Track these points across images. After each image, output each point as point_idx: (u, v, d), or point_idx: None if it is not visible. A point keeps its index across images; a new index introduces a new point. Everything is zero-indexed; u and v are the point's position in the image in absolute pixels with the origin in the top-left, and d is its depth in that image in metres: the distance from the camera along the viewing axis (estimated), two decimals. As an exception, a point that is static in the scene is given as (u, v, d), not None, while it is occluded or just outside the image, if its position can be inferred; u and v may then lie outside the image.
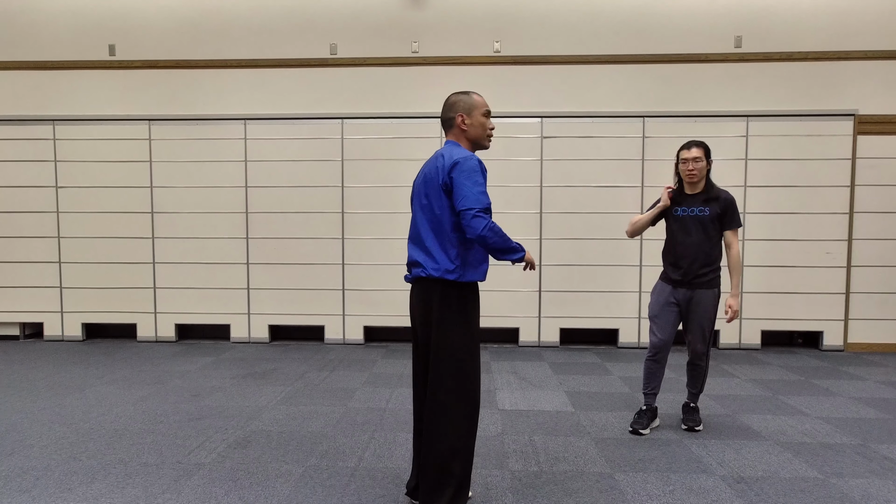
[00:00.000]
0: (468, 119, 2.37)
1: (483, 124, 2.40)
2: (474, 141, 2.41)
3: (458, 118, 2.37)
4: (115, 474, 2.75)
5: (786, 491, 2.62)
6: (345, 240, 5.71)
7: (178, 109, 5.73)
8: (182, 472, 2.78)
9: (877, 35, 5.39)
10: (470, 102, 2.38)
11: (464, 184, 2.20)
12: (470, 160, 2.23)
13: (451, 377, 2.25)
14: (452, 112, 2.39)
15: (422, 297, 2.34)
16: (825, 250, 5.48)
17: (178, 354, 5.30)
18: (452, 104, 2.39)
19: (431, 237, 2.31)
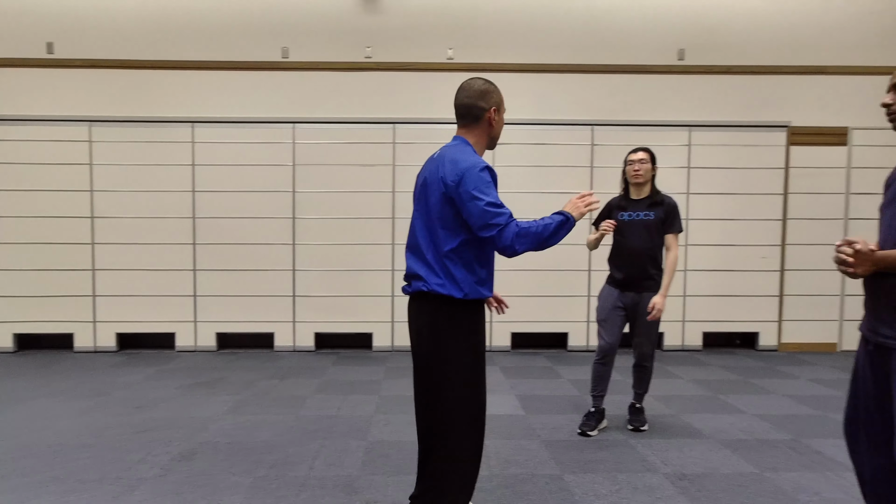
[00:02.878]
0: (498, 116, 2.11)
1: (502, 123, 2.17)
2: (494, 139, 2.17)
3: (492, 111, 2.09)
4: (52, 492, 2.63)
5: (725, 486, 2.74)
6: (296, 245, 5.63)
7: (121, 111, 5.53)
8: (123, 488, 2.68)
9: (808, 52, 5.70)
10: (501, 96, 2.11)
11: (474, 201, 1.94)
12: (478, 169, 1.97)
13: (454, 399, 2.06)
14: (484, 102, 2.07)
15: (423, 313, 2.11)
16: (761, 255, 5.75)
17: (120, 365, 5.11)
18: (484, 93, 2.07)
19: (432, 250, 2.07)
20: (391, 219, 5.64)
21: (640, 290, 3.35)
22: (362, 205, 5.62)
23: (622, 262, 3.39)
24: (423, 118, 5.59)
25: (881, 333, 1.67)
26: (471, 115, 2.11)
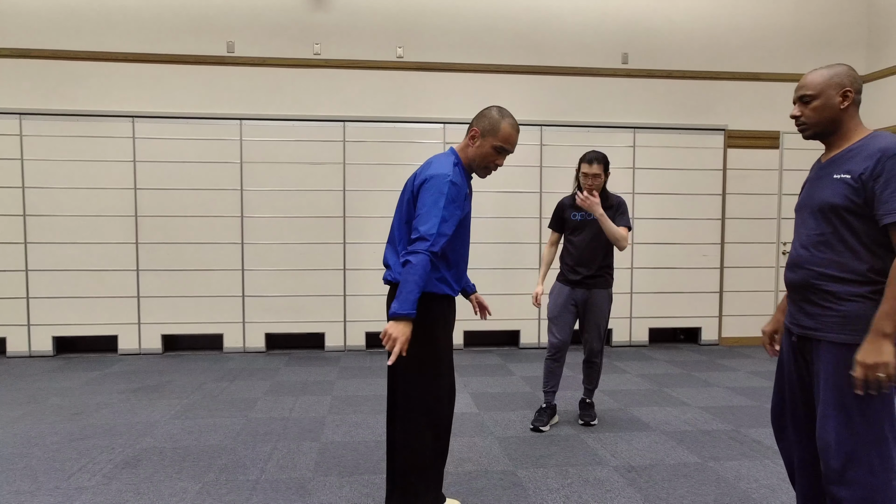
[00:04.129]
0: (480, 141, 2.19)
1: (486, 155, 2.19)
2: (470, 162, 2.24)
3: (475, 132, 2.19)
4: (-17, 505, 2.49)
5: (671, 476, 2.84)
6: (244, 244, 5.50)
7: (55, 104, 5.27)
8: (62, 498, 2.56)
9: (743, 59, 5.97)
10: (494, 126, 2.17)
11: (425, 203, 2.06)
12: (441, 182, 2.07)
13: (410, 393, 2.15)
14: (476, 122, 2.21)
15: (389, 300, 2.18)
16: (702, 253, 5.99)
17: (57, 370, 4.87)
18: (481, 116, 2.20)
19: (403, 243, 2.18)
20: (342, 217, 5.58)
21: (590, 286, 3.44)
22: (312, 203, 5.55)
23: (573, 261, 3.46)
24: (373, 116, 5.56)
25: (803, 325, 1.77)
26: (468, 129, 2.24)
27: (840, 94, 1.72)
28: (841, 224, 1.69)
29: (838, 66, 1.75)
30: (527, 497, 2.62)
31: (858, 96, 1.74)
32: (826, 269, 1.70)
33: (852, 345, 1.63)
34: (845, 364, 1.64)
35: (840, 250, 1.69)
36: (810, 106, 1.76)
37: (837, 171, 1.71)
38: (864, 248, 1.66)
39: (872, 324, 1.58)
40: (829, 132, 1.77)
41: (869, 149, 1.66)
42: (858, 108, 1.75)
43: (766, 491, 2.68)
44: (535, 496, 2.62)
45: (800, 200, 1.88)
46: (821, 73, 1.75)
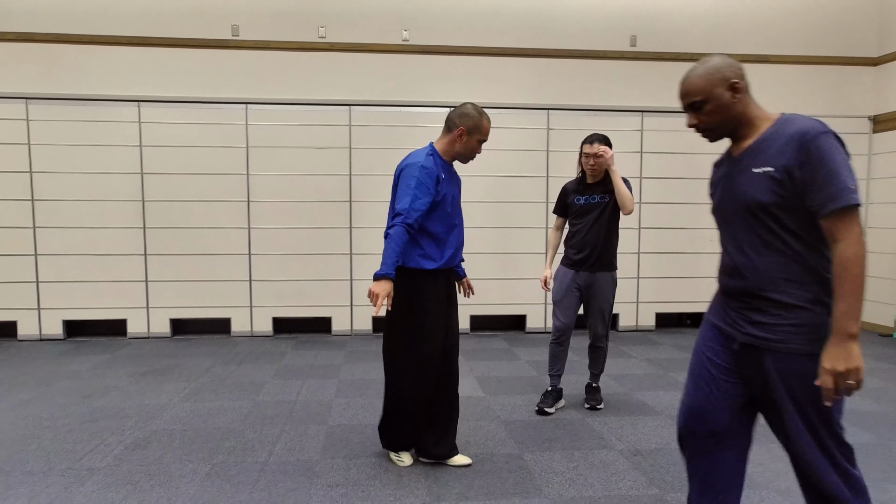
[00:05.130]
0: (466, 138, 2.62)
1: (472, 148, 2.66)
2: (455, 155, 2.68)
3: (461, 130, 2.61)
4: (-4, 485, 2.53)
5: (675, 460, 2.85)
6: (251, 229, 5.51)
7: (60, 88, 5.27)
8: (73, 479, 2.60)
9: (753, 41, 5.88)
10: (477, 125, 2.61)
11: (401, 187, 2.53)
12: (413, 168, 2.52)
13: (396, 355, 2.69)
14: (459, 120, 2.61)
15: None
16: (709, 238, 5.96)
17: (67, 353, 4.93)
18: (464, 114, 2.61)
19: None
20: (348, 202, 5.58)
21: (594, 269, 3.42)
22: (319, 188, 5.54)
23: (577, 244, 3.45)
24: (379, 100, 5.54)
25: (750, 333, 1.62)
26: (447, 124, 2.66)
27: (728, 89, 1.63)
28: (775, 223, 1.56)
29: (712, 58, 1.65)
30: (532, 480, 2.64)
31: (745, 81, 1.64)
32: (770, 274, 1.57)
33: (813, 354, 1.51)
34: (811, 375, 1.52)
35: (781, 252, 1.56)
36: (703, 111, 1.67)
37: (755, 164, 1.58)
38: (804, 247, 1.54)
39: (833, 326, 1.45)
40: (734, 129, 1.68)
41: (785, 135, 1.54)
42: (749, 92, 1.66)
43: (770, 474, 2.69)
44: (541, 479, 2.64)
45: (717, 201, 1.76)
46: (698, 74, 1.65)
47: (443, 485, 2.58)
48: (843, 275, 1.44)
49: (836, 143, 1.49)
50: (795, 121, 1.55)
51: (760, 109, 1.66)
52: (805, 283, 1.54)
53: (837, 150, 1.48)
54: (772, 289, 1.57)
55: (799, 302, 1.54)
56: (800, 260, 1.54)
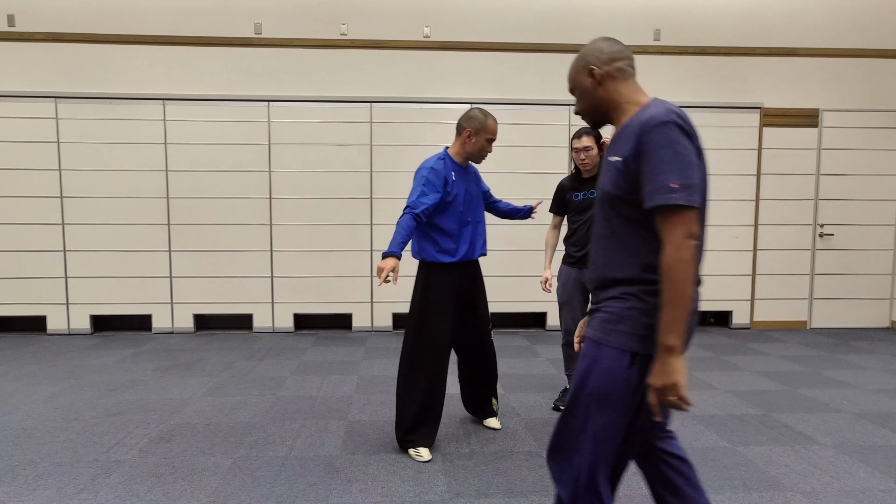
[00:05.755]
0: (474, 139, 2.84)
1: (482, 147, 2.87)
2: (467, 155, 2.91)
3: (468, 132, 2.83)
4: (25, 476, 2.60)
5: (698, 460, 2.81)
6: (273, 226, 5.57)
7: (88, 87, 5.37)
8: (100, 471, 2.65)
9: (780, 34, 5.76)
10: (482, 125, 2.82)
11: (413, 186, 2.82)
12: (423, 169, 2.80)
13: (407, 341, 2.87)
14: (466, 123, 2.83)
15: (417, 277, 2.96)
16: (734, 235, 5.86)
17: (94, 347, 5.03)
18: (470, 117, 2.83)
19: None
20: (369, 199, 5.60)
21: None
22: (340, 185, 5.57)
23: (579, 240, 3.37)
24: (399, 97, 5.54)
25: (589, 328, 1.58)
26: (457, 129, 2.89)
27: (587, 75, 1.56)
28: (616, 215, 1.48)
29: (589, 44, 1.58)
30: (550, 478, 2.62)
31: (612, 66, 1.53)
32: (607, 268, 1.51)
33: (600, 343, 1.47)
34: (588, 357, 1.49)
35: (616, 246, 1.48)
36: (576, 97, 1.63)
37: (609, 153, 1.51)
38: (640, 242, 1.45)
39: (657, 339, 1.37)
40: (602, 115, 1.59)
41: (634, 124, 1.43)
42: (625, 78, 1.54)
43: (796, 476, 2.64)
44: (560, 477, 2.62)
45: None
46: (573, 61, 1.60)
47: (461, 481, 2.57)
48: (664, 281, 1.35)
49: (675, 136, 1.36)
50: (649, 108, 1.43)
51: (633, 95, 1.54)
52: (630, 280, 1.46)
53: (673, 143, 1.36)
54: (607, 282, 1.52)
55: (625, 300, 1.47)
56: (630, 256, 1.46)
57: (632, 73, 1.56)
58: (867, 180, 5.91)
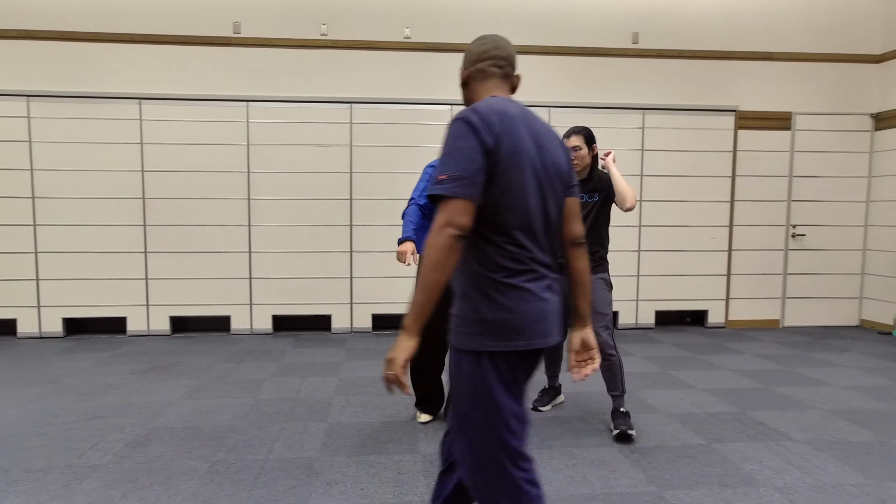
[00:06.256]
0: None
1: None
2: None
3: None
4: (-3, 482, 2.54)
5: (675, 457, 2.86)
6: (251, 227, 5.52)
7: (62, 86, 5.27)
8: (73, 476, 2.61)
9: (755, 38, 5.87)
10: None
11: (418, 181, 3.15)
12: (428, 167, 3.14)
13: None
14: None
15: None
16: (710, 235, 5.95)
17: (68, 351, 4.94)
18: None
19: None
20: (349, 200, 5.58)
21: None
22: (319, 186, 5.55)
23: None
24: (380, 98, 5.53)
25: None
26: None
27: (462, 75, 1.65)
28: None
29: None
30: (531, 478, 2.64)
31: (474, 68, 1.60)
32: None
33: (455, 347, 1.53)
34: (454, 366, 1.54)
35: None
36: None
37: None
38: (473, 236, 1.50)
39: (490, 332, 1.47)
40: None
41: None
42: (484, 79, 1.60)
43: (769, 472, 2.69)
44: (541, 476, 2.65)
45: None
46: None
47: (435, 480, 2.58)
48: (420, 268, 1.42)
49: (459, 131, 1.43)
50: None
51: (484, 95, 1.60)
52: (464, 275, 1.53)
53: (455, 138, 1.43)
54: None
55: (457, 292, 1.55)
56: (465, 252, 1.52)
57: (494, 74, 1.60)
58: (838, 182, 6.05)
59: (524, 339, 1.48)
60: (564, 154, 1.63)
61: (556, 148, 1.59)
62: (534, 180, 1.50)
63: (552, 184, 1.55)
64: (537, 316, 1.49)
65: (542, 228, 1.54)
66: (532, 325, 1.48)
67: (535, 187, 1.50)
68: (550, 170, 1.54)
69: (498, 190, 1.45)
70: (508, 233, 1.47)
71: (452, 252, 1.39)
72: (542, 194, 1.52)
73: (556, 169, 1.57)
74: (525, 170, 1.47)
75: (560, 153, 1.60)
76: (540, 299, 1.50)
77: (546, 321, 1.51)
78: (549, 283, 1.54)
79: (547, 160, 1.54)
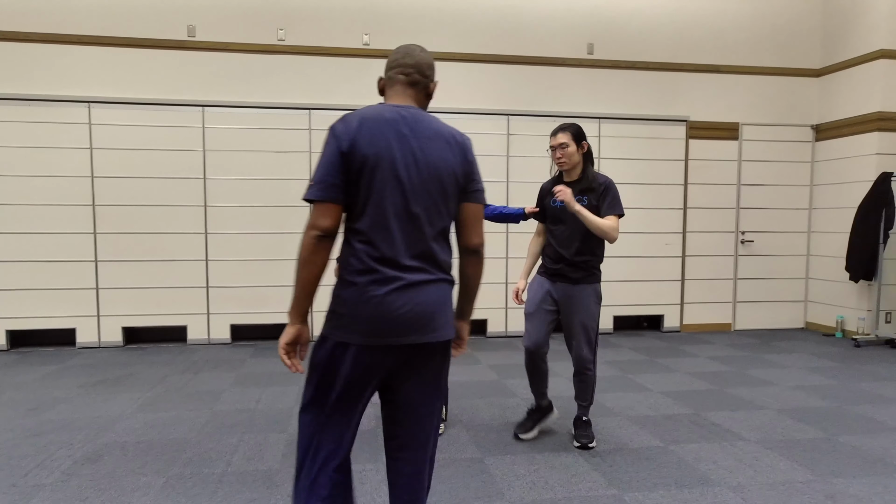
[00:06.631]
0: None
1: None
2: None
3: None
4: (-66, 505, 2.41)
5: (633, 460, 2.92)
6: (208, 234, 5.39)
7: (6, 88, 5.05)
8: (18, 497, 2.49)
9: (704, 51, 6.09)
10: None
11: None
12: None
13: None
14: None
15: None
16: (665, 242, 6.12)
17: (12, 364, 4.71)
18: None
19: None
20: (308, 207, 5.50)
21: (574, 281, 2.96)
22: (278, 192, 5.47)
23: (554, 253, 3.01)
24: (340, 104, 5.50)
25: None
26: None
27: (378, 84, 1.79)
28: None
29: None
30: (494, 483, 2.65)
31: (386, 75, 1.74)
32: None
33: None
34: None
35: None
36: None
37: None
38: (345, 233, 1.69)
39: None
40: None
41: None
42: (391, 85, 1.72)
43: (723, 472, 2.78)
44: (503, 482, 2.66)
45: None
46: None
47: (405, 491, 2.57)
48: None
49: (326, 137, 1.58)
50: None
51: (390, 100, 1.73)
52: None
53: (324, 144, 1.58)
54: None
55: None
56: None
57: (399, 81, 1.70)
58: (783, 190, 6.31)
59: (359, 335, 1.55)
60: (457, 157, 1.65)
61: (441, 151, 1.62)
62: (394, 182, 1.54)
63: (426, 186, 1.58)
64: (371, 316, 1.54)
65: (402, 230, 1.56)
66: (363, 324, 1.54)
67: (397, 189, 1.55)
68: (424, 172, 1.58)
69: (357, 191, 1.54)
70: (362, 232, 1.56)
71: (317, 251, 1.52)
72: (404, 196, 1.55)
73: (435, 172, 1.59)
74: (383, 171, 1.53)
75: (449, 156, 1.63)
76: (378, 300, 1.54)
77: (382, 321, 1.55)
78: (400, 286, 1.56)
79: (422, 163, 1.58)
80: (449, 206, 1.65)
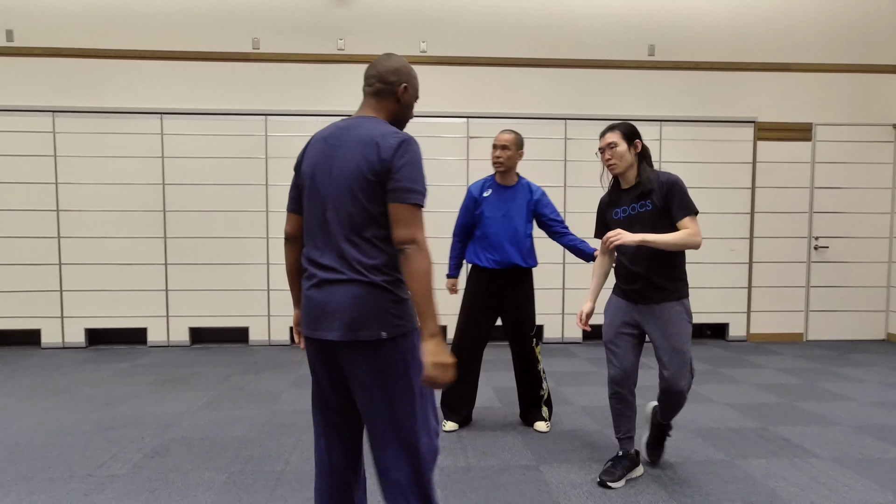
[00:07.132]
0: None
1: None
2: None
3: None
4: (17, 492, 2.57)
5: (697, 473, 2.80)
6: (270, 239, 5.56)
7: (85, 101, 5.39)
8: (93, 486, 2.63)
9: (773, 49, 5.83)
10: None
11: None
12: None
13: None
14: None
15: None
16: (730, 248, 5.88)
17: (88, 361, 5.00)
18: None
19: None
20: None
21: (657, 300, 2.56)
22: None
23: (626, 271, 2.64)
24: (397, 111, 5.55)
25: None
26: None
27: None
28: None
29: None
30: (550, 492, 2.60)
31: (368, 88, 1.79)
32: None
33: None
34: None
35: None
36: None
37: None
38: None
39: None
40: None
41: None
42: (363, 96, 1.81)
43: (794, 489, 2.63)
44: (559, 491, 2.61)
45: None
46: None
47: (459, 495, 2.55)
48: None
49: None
50: None
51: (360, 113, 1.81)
52: None
53: None
54: None
55: None
56: None
57: (364, 92, 1.80)
58: (861, 193, 5.95)
59: (304, 327, 1.72)
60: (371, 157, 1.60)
61: (353, 155, 1.62)
62: (314, 192, 1.69)
63: (338, 191, 1.64)
64: (308, 310, 1.69)
65: (322, 233, 1.68)
66: (304, 318, 1.71)
67: (316, 198, 1.69)
68: (336, 178, 1.65)
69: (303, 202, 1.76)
70: (304, 238, 1.75)
71: (286, 252, 1.85)
72: (322, 204, 1.67)
73: (343, 176, 1.64)
74: (311, 183, 1.70)
75: (360, 159, 1.61)
76: (308, 297, 1.70)
77: (312, 316, 1.68)
78: (315, 282, 1.67)
79: (335, 170, 1.65)
80: (364, 207, 1.62)
